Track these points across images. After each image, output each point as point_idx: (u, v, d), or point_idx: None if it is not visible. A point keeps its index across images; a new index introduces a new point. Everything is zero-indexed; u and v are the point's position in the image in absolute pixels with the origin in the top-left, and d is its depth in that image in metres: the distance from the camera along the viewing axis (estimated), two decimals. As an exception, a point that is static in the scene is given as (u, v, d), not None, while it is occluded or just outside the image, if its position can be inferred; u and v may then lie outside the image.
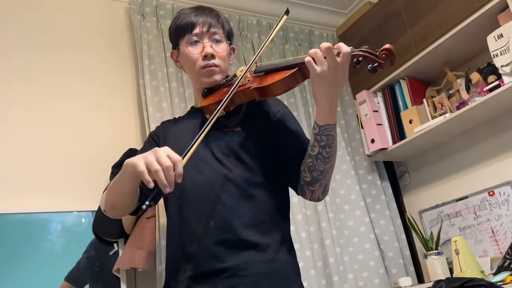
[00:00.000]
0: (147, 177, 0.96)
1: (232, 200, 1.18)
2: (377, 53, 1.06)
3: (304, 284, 1.24)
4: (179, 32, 1.35)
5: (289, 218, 1.29)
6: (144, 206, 0.95)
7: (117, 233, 1.84)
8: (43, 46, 2.06)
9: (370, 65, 1.06)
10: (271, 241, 1.17)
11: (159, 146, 1.37)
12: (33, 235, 1.77)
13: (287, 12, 1.26)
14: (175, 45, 1.39)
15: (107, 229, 1.84)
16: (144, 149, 1.42)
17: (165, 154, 0.98)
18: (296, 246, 1.28)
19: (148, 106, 2.09)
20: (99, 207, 1.84)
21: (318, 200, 1.24)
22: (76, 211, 1.88)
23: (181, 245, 1.19)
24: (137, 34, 2.23)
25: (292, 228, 1.32)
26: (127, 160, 1.09)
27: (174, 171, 0.97)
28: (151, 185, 0.96)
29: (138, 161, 1.00)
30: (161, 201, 1.82)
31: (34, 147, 1.89)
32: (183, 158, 1.01)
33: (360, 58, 1.06)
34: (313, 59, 1.06)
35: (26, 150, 1.87)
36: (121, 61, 2.26)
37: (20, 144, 1.87)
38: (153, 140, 1.42)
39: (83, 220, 1.88)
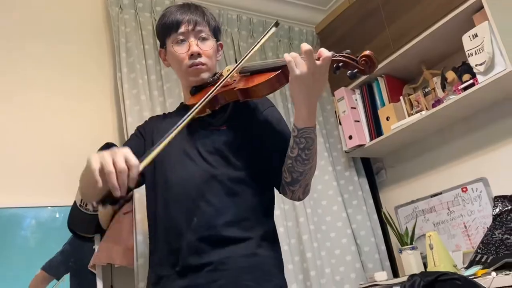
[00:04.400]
0: (96, 177, 0.93)
1: (216, 197, 1.19)
2: (357, 59, 1.06)
3: (282, 278, 1.25)
4: (165, 31, 1.35)
5: (273, 215, 1.30)
6: (90, 208, 0.94)
7: (93, 228, 1.81)
8: (18, 36, 2.00)
9: (349, 71, 1.07)
10: (253, 236, 1.18)
11: (145, 141, 1.37)
12: (6, 231, 1.72)
13: (276, 25, 1.25)
14: (162, 44, 1.39)
15: (82, 225, 1.81)
16: (129, 141, 1.43)
17: (123, 156, 0.95)
18: (273, 241, 1.29)
19: (125, 99, 2.06)
20: (75, 202, 1.81)
21: (299, 199, 1.26)
22: (51, 206, 1.84)
23: (166, 240, 1.21)
24: (114, 26, 2.19)
25: (270, 223, 1.33)
26: (90, 155, 1.04)
27: (129, 175, 0.94)
28: (99, 185, 0.93)
29: (95, 159, 0.96)
30: (138, 196, 1.81)
31: (7, 140, 1.84)
32: (144, 160, 0.98)
33: (340, 64, 1.07)
34: (293, 61, 1.06)
35: (-2, 143, 1.82)
36: (99, 53, 2.22)
37: (-8, 137, 1.82)
38: (140, 134, 1.41)
39: (57, 215, 1.85)
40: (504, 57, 1.85)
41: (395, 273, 2.54)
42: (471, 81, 2.04)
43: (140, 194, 1.80)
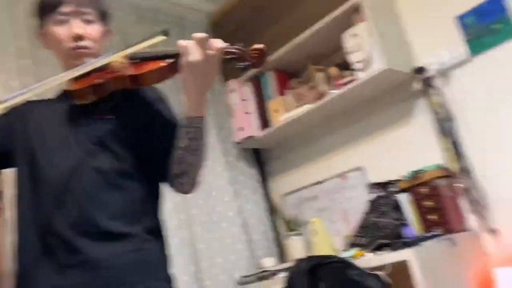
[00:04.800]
0: None
1: (97, 190, 1.12)
2: (249, 51, 1.07)
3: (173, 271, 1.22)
4: (45, 9, 1.22)
5: (160, 208, 1.27)
6: None
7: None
8: None
9: (240, 64, 1.08)
10: (138, 231, 1.13)
11: (13, 124, 1.22)
12: None
13: (164, 34, 1.18)
14: (41, 24, 1.25)
15: None
16: None
17: None
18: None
19: (-7, 86, 1.85)
20: None
21: (187, 192, 1.23)
22: None
23: (39, 237, 1.10)
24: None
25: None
26: None
27: None
28: None
29: None
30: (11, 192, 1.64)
31: None
32: None
33: (232, 56, 1.07)
34: (187, 47, 1.04)
35: None
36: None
37: None
38: (10, 114, 1.24)
39: None
40: (381, 56, 2.02)
41: (284, 259, 2.66)
42: (352, 77, 2.19)
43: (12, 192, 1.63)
